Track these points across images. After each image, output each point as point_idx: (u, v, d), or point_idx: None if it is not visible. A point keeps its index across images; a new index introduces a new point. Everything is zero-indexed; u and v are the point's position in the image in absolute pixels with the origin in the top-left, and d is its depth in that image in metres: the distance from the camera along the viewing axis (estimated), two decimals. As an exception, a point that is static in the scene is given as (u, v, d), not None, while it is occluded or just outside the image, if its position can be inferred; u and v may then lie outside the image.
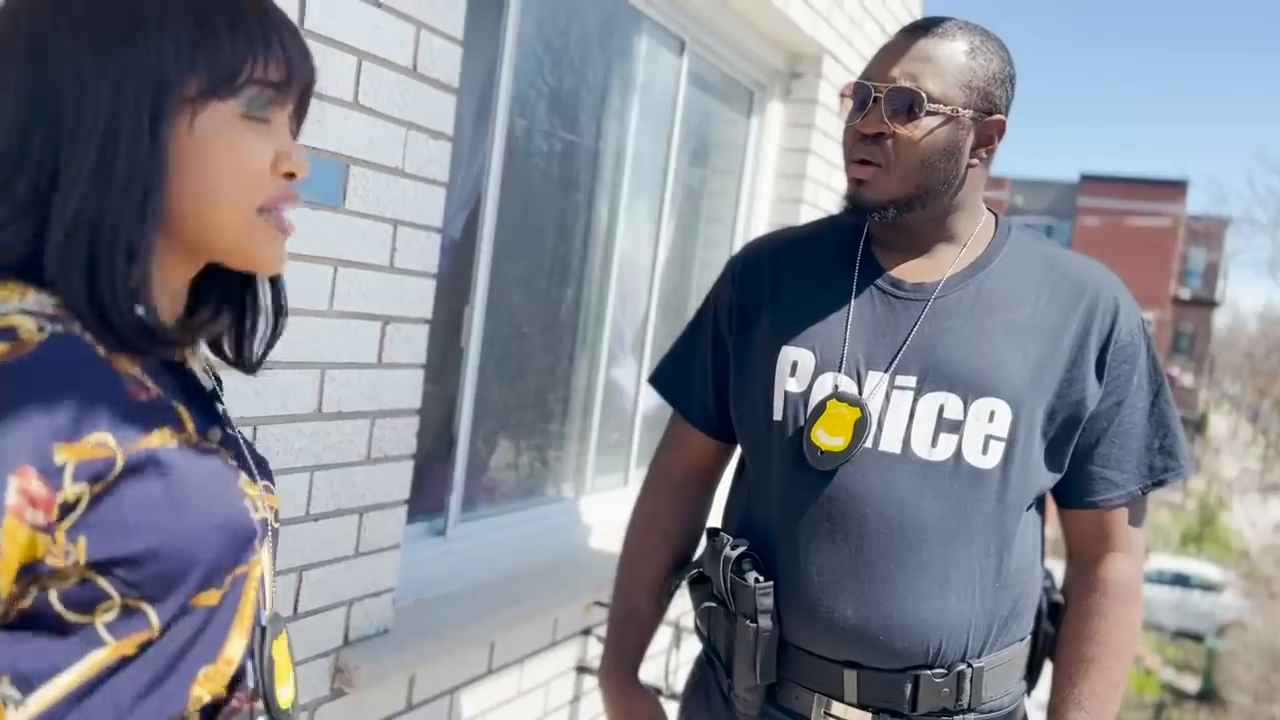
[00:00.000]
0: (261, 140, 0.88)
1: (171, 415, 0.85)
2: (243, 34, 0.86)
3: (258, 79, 0.86)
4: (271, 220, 0.90)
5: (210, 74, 0.84)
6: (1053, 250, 1.51)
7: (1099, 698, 1.46)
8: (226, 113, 0.86)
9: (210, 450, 0.88)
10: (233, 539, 0.87)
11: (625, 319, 2.93)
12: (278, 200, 0.90)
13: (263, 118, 0.88)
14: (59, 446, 0.75)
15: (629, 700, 1.64)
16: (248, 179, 0.87)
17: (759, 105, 3.38)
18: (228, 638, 0.88)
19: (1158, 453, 1.47)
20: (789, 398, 1.46)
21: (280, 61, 0.88)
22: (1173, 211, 32.33)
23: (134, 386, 0.83)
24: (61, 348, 0.78)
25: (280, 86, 0.89)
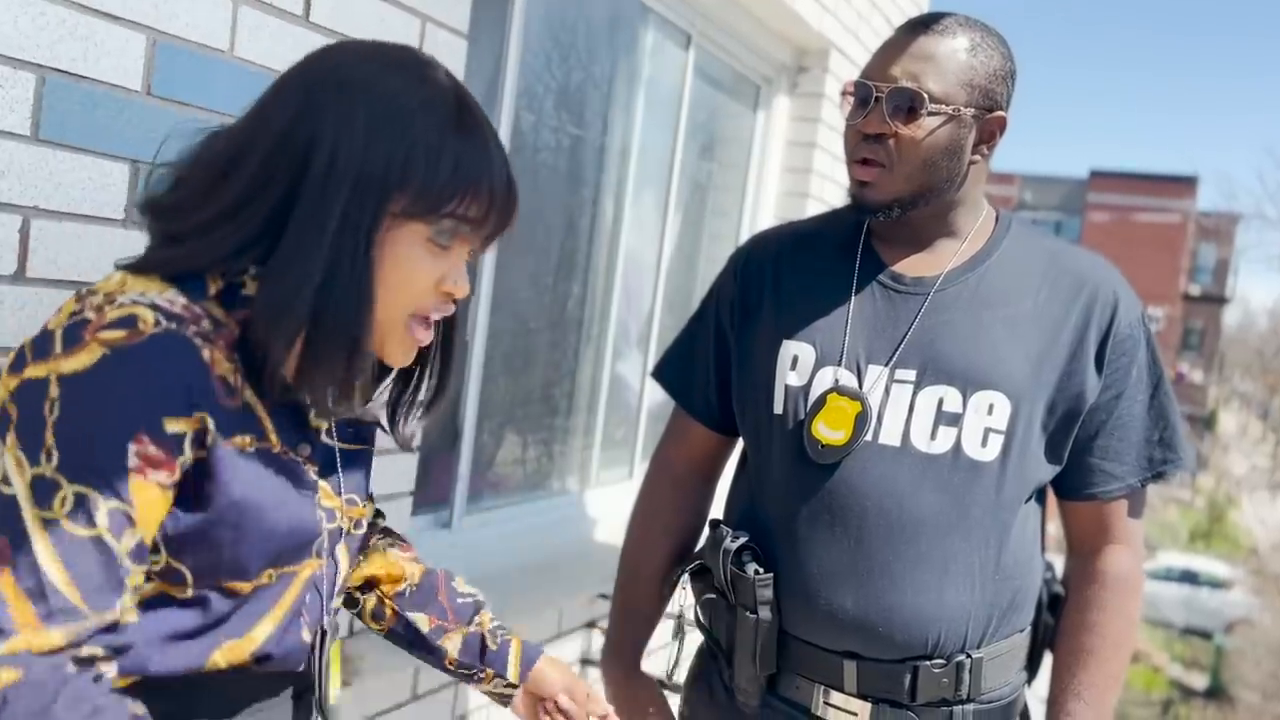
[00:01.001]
0: (435, 262, 0.96)
1: (254, 423, 0.94)
2: (464, 166, 0.93)
3: (458, 214, 0.94)
4: (416, 326, 0.98)
5: (423, 198, 0.92)
6: (1053, 244, 1.52)
7: (1098, 688, 1.47)
8: (418, 233, 0.94)
9: (291, 461, 0.97)
10: (275, 544, 0.95)
11: (630, 313, 2.94)
12: (429, 311, 0.98)
13: (445, 245, 0.96)
14: (169, 420, 0.86)
15: (631, 689, 1.65)
16: (411, 294, 0.96)
17: (765, 99, 3.38)
18: (258, 622, 0.97)
19: (1157, 445, 1.47)
20: (790, 391, 1.47)
21: (484, 201, 0.95)
22: (1182, 208, 32.22)
23: (224, 391, 0.91)
24: (169, 341, 0.87)
25: (474, 224, 0.96)
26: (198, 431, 0.88)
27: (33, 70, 1.15)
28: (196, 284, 0.92)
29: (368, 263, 0.91)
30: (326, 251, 0.89)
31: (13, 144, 1.14)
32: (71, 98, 1.19)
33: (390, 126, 0.91)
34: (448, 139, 0.92)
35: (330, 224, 0.89)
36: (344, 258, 0.90)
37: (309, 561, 1.00)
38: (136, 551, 0.86)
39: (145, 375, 0.85)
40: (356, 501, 1.10)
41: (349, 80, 0.92)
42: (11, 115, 1.13)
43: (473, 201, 0.93)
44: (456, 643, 1.26)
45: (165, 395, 0.86)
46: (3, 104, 1.12)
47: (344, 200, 0.89)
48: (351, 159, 0.90)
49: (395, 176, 0.90)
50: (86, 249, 1.23)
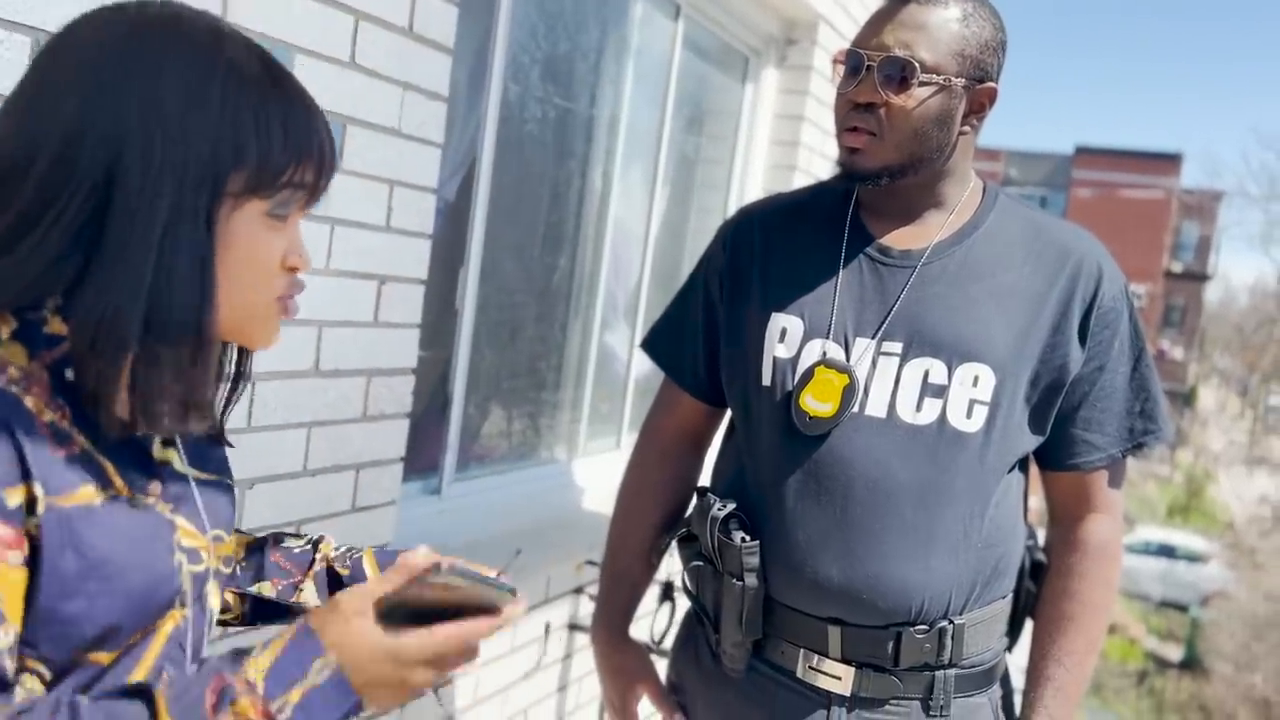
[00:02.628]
0: (276, 237, 0.89)
1: (97, 470, 0.83)
2: (293, 135, 0.86)
3: (295, 182, 0.87)
4: (281, 308, 0.92)
5: (258, 175, 0.84)
6: (1038, 217, 1.53)
7: (1077, 654, 1.50)
8: (258, 210, 0.86)
9: (143, 506, 0.87)
10: (140, 604, 0.86)
11: (618, 285, 2.95)
12: (288, 294, 0.91)
13: (283, 215, 0.89)
14: (8, 491, 0.76)
15: (619, 655, 1.68)
16: (262, 275, 0.88)
17: (754, 71, 3.38)
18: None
19: (1138, 416, 1.50)
20: (778, 363, 1.48)
21: (315, 165, 0.89)
22: (1166, 185, 32.33)
23: (54, 441, 0.80)
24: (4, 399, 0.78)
25: (311, 189, 0.90)
26: (29, 500, 0.77)
27: (27, 33, 1.14)
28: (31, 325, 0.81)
29: (208, 257, 0.82)
30: (155, 253, 0.79)
31: (7, 107, 1.14)
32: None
33: (207, 104, 0.81)
34: (270, 105, 0.84)
35: (157, 223, 0.79)
36: (181, 255, 0.81)
37: (171, 614, 0.90)
38: (14, 649, 0.77)
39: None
40: (223, 538, 0.99)
41: (137, 57, 0.80)
42: (5, 80, 1.13)
43: (307, 166, 0.87)
44: (310, 591, 1.16)
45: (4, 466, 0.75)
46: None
47: (170, 194, 0.80)
48: (172, 147, 0.80)
49: (227, 156, 0.82)
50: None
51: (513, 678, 2.35)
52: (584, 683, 2.65)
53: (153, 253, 0.79)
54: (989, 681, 1.50)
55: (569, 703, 2.60)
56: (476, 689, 2.22)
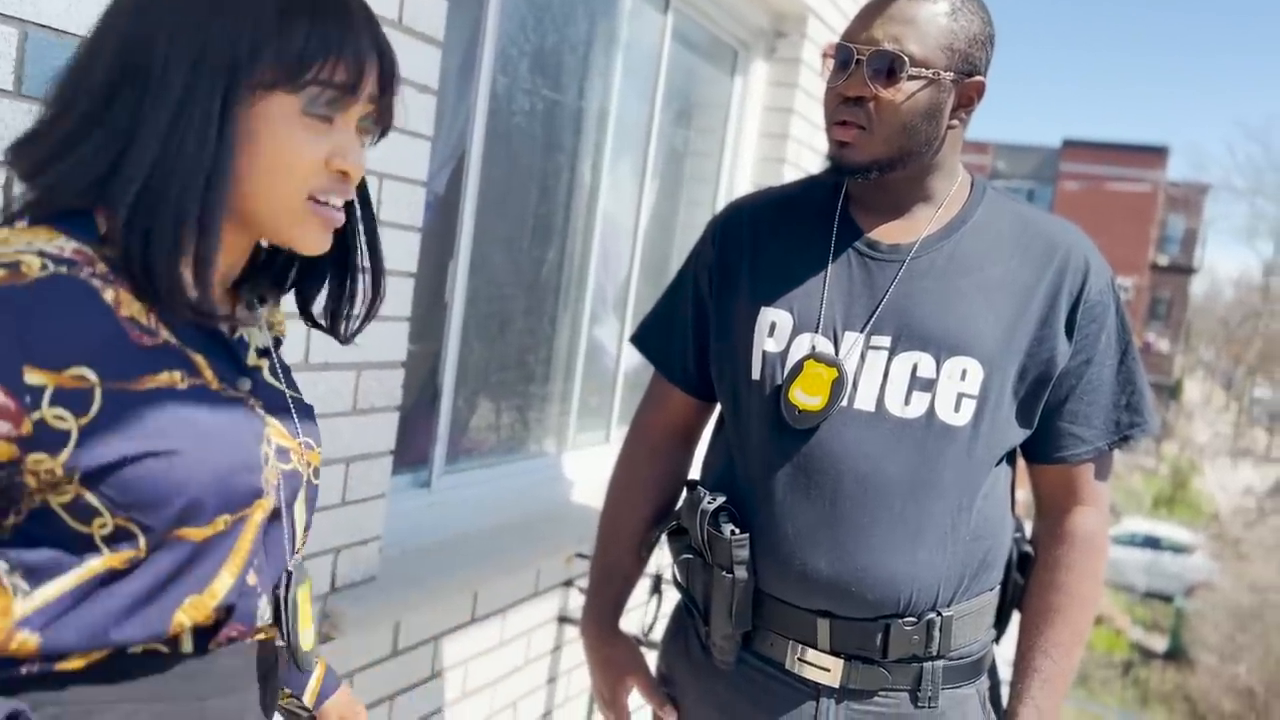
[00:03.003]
0: (317, 137, 0.92)
1: (183, 361, 0.91)
2: (318, 34, 0.90)
3: (323, 80, 0.91)
4: (317, 209, 0.94)
5: (278, 67, 0.88)
6: (1025, 210, 1.54)
7: (1064, 646, 1.51)
8: (288, 105, 0.90)
9: (232, 399, 0.94)
10: (225, 482, 0.92)
11: (607, 278, 2.95)
12: (324, 191, 0.93)
13: (324, 115, 0.92)
14: (30, 369, 0.81)
15: (609, 647, 1.68)
16: (298, 172, 0.92)
17: (743, 64, 3.38)
18: (217, 574, 0.93)
19: (1124, 410, 1.51)
20: (767, 357, 1.49)
21: (350, 66, 0.91)
22: (1153, 178, 32.46)
23: (137, 331, 0.87)
24: (58, 285, 0.83)
25: (345, 89, 0.92)
26: (75, 390, 0.83)
27: (15, 25, 1.14)
28: (84, 225, 0.88)
29: (220, 144, 0.87)
30: (162, 142, 0.86)
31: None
32: (53, 52, 1.18)
33: (231, 5, 0.88)
34: (299, 4, 0.89)
35: (164, 115, 0.86)
36: (186, 144, 0.86)
37: (259, 502, 0.96)
38: None
39: (16, 320, 0.81)
40: (313, 446, 1.07)
41: None
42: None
43: (338, 65, 0.90)
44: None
45: (32, 342, 0.81)
46: (-16, 59, 1.12)
47: (182, 85, 0.86)
48: (190, 43, 0.87)
49: (244, 48, 0.87)
50: (69, 207, 1.23)
51: (502, 671, 2.35)
52: (573, 675, 2.65)
53: (159, 141, 0.86)
54: (977, 673, 1.51)
55: (558, 695, 2.61)
56: (465, 682, 2.23)
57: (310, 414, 1.09)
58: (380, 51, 0.94)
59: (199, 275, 0.90)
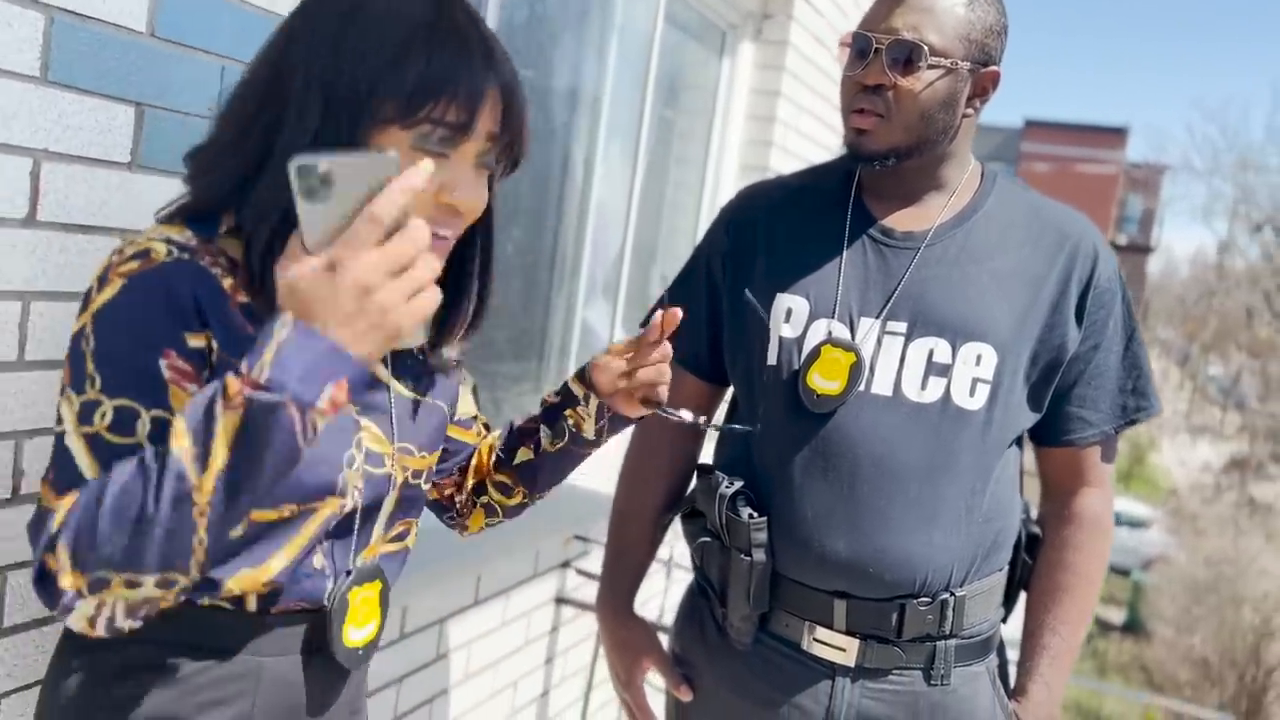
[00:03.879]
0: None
1: None
2: (431, 74, 0.92)
3: (434, 119, 0.93)
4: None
5: (393, 104, 0.92)
6: (1035, 199, 1.56)
7: (1071, 623, 1.55)
8: (401, 140, 0.93)
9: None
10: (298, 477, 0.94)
11: (597, 260, 2.95)
12: (432, 223, 0.95)
13: (438, 152, 0.95)
14: (190, 335, 0.92)
15: (626, 630, 1.69)
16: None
17: (731, 46, 3.38)
18: (273, 555, 0.98)
19: (1130, 393, 1.54)
20: (783, 343, 1.50)
21: (463, 106, 0.94)
22: (1113, 158, 32.83)
23: (243, 318, 0.95)
24: (185, 267, 0.92)
25: (456, 128, 0.95)
26: (204, 350, 0.92)
27: (41, 10, 1.12)
28: (209, 223, 0.96)
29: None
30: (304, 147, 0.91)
31: (22, 85, 1.12)
32: (79, 39, 1.17)
33: (358, 38, 0.92)
34: (416, 43, 0.92)
35: (307, 132, 0.92)
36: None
37: (330, 500, 1.01)
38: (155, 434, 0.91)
39: (160, 296, 0.91)
40: (413, 452, 1.11)
41: (330, 3, 0.95)
42: (21, 56, 1.11)
43: (450, 105, 0.93)
44: (545, 433, 1.29)
45: (182, 313, 0.91)
46: (12, 44, 1.10)
47: (318, 114, 0.92)
48: (322, 76, 0.92)
49: (364, 85, 0.91)
50: (94, 193, 1.22)
51: (503, 652, 2.37)
52: (569, 655, 2.67)
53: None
54: (986, 651, 1.55)
55: (555, 675, 2.63)
56: (468, 663, 2.24)
57: (431, 416, 1.13)
58: (503, 87, 0.97)
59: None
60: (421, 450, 1.13)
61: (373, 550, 1.11)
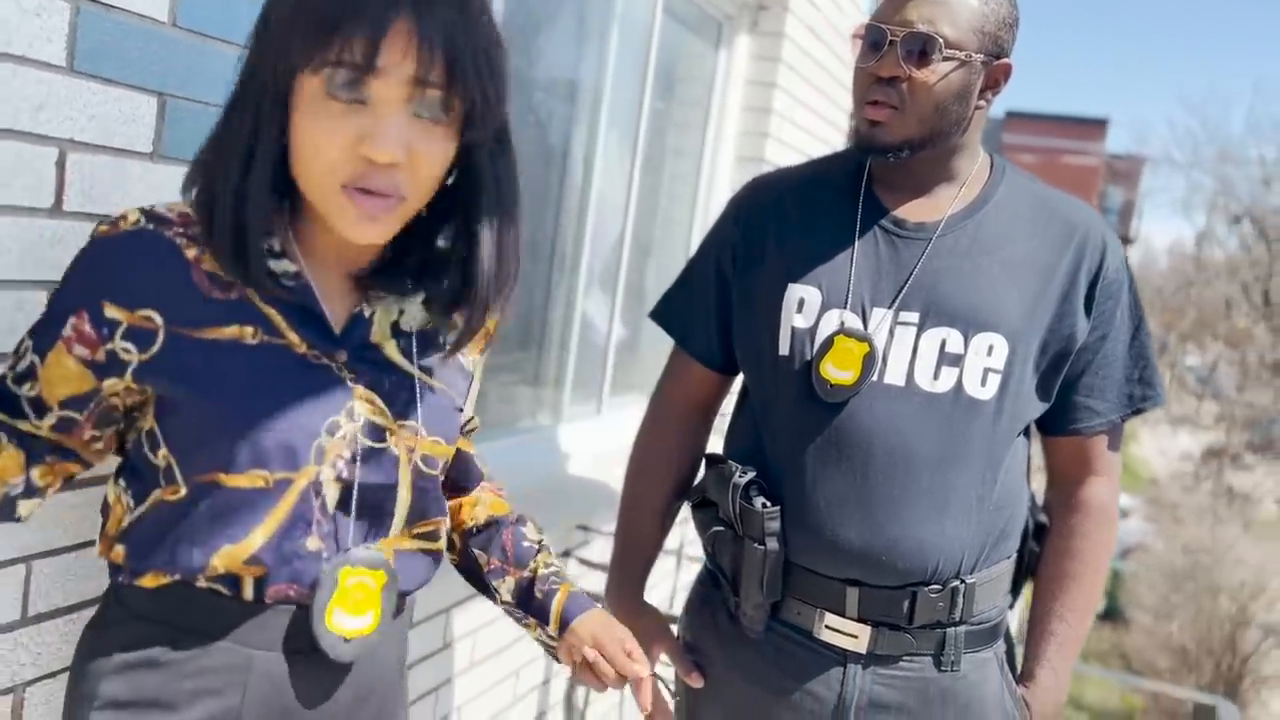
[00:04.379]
0: (342, 120, 0.91)
1: (258, 318, 1.00)
2: (333, 10, 0.88)
3: (345, 60, 0.89)
4: (358, 198, 0.93)
5: (300, 49, 0.90)
6: (1043, 190, 1.58)
7: (1078, 610, 1.57)
8: (314, 88, 0.91)
9: (313, 362, 1.00)
10: (266, 439, 0.97)
11: (596, 252, 2.96)
12: (356, 179, 0.92)
13: (353, 98, 0.90)
14: (108, 305, 0.96)
15: (636, 618, 1.70)
16: (323, 156, 0.92)
17: (727, 37, 3.39)
18: (254, 529, 0.99)
19: (1137, 383, 1.57)
20: (796, 333, 1.52)
21: (365, 43, 0.88)
22: (1094, 149, 33.00)
23: (209, 284, 0.99)
24: (141, 237, 0.98)
25: (361, 68, 0.89)
26: (142, 329, 0.96)
27: (68, 0, 1.12)
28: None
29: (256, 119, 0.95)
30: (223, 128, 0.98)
31: (50, 75, 1.12)
32: (104, 28, 1.16)
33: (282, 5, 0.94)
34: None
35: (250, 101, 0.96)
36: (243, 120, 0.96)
37: (305, 469, 0.99)
38: (33, 402, 0.99)
39: (103, 261, 0.97)
40: (420, 432, 1.07)
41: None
42: (49, 46, 1.11)
43: (351, 42, 0.88)
44: (510, 586, 1.29)
45: (114, 283, 0.96)
46: (40, 34, 1.10)
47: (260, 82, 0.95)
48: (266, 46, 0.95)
49: (278, 38, 0.92)
50: (118, 182, 1.22)
51: (506, 640, 2.38)
52: (570, 644, 2.68)
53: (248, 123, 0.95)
54: (994, 637, 1.57)
55: (555, 664, 2.64)
56: (473, 652, 2.25)
57: (440, 401, 1.11)
58: (419, 21, 0.89)
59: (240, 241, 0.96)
60: (434, 435, 1.10)
61: (390, 543, 1.09)
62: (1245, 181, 16.90)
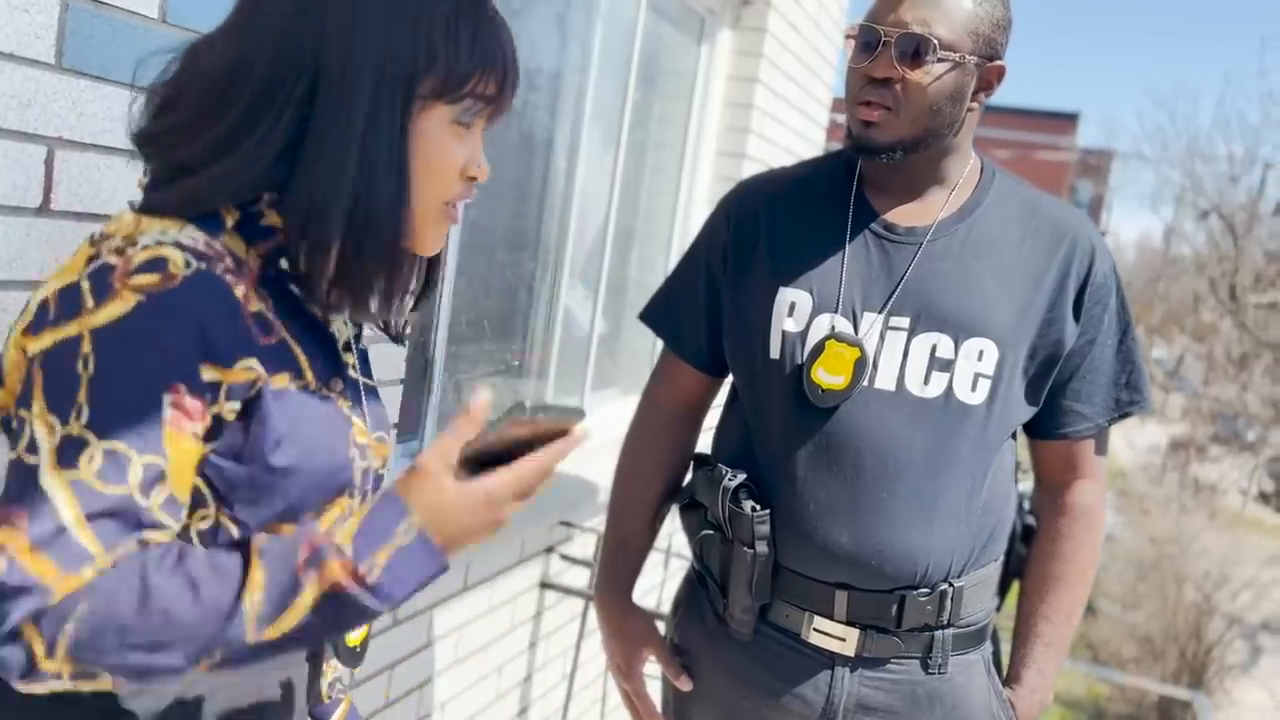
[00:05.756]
0: (460, 145, 0.94)
1: (292, 361, 0.92)
2: (480, 45, 0.91)
3: (478, 93, 0.92)
4: (449, 213, 0.96)
5: (445, 78, 0.89)
6: (1032, 195, 1.59)
7: (1063, 613, 1.59)
8: (444, 116, 0.91)
9: (326, 398, 0.94)
10: (322, 485, 0.94)
11: (579, 246, 2.95)
12: (459, 197, 0.96)
13: (468, 124, 0.94)
14: (205, 367, 0.83)
15: (625, 619, 1.70)
16: (442, 179, 0.93)
17: (709, 32, 3.38)
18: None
19: (1124, 387, 1.57)
20: (787, 337, 1.51)
21: (498, 78, 0.93)
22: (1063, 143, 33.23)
23: (259, 329, 0.88)
24: (203, 283, 0.84)
25: (493, 101, 0.94)
26: (241, 382, 0.85)
27: (57, -6, 1.10)
28: (212, 219, 0.88)
29: (403, 154, 0.89)
30: (358, 150, 0.86)
31: (38, 72, 1.10)
32: (93, 25, 1.14)
33: (404, 10, 0.88)
34: (462, 15, 0.90)
35: (358, 122, 0.86)
36: (379, 153, 0.87)
37: (339, 501, 0.98)
38: (167, 505, 0.83)
39: (183, 322, 0.81)
40: (385, 439, 1.07)
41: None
42: (37, 43, 1.09)
43: (489, 77, 0.92)
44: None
45: (204, 342, 0.83)
46: (29, 30, 1.08)
47: (369, 93, 0.86)
48: (370, 49, 0.86)
49: (421, 60, 0.88)
50: (107, 182, 1.20)
51: (490, 636, 2.37)
52: (553, 638, 2.69)
53: (355, 146, 0.86)
54: (981, 639, 1.58)
55: (539, 658, 2.64)
56: (457, 649, 2.24)
57: (377, 399, 1.08)
58: (515, 62, 0.96)
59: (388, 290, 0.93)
60: (387, 436, 1.09)
61: None
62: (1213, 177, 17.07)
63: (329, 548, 0.82)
